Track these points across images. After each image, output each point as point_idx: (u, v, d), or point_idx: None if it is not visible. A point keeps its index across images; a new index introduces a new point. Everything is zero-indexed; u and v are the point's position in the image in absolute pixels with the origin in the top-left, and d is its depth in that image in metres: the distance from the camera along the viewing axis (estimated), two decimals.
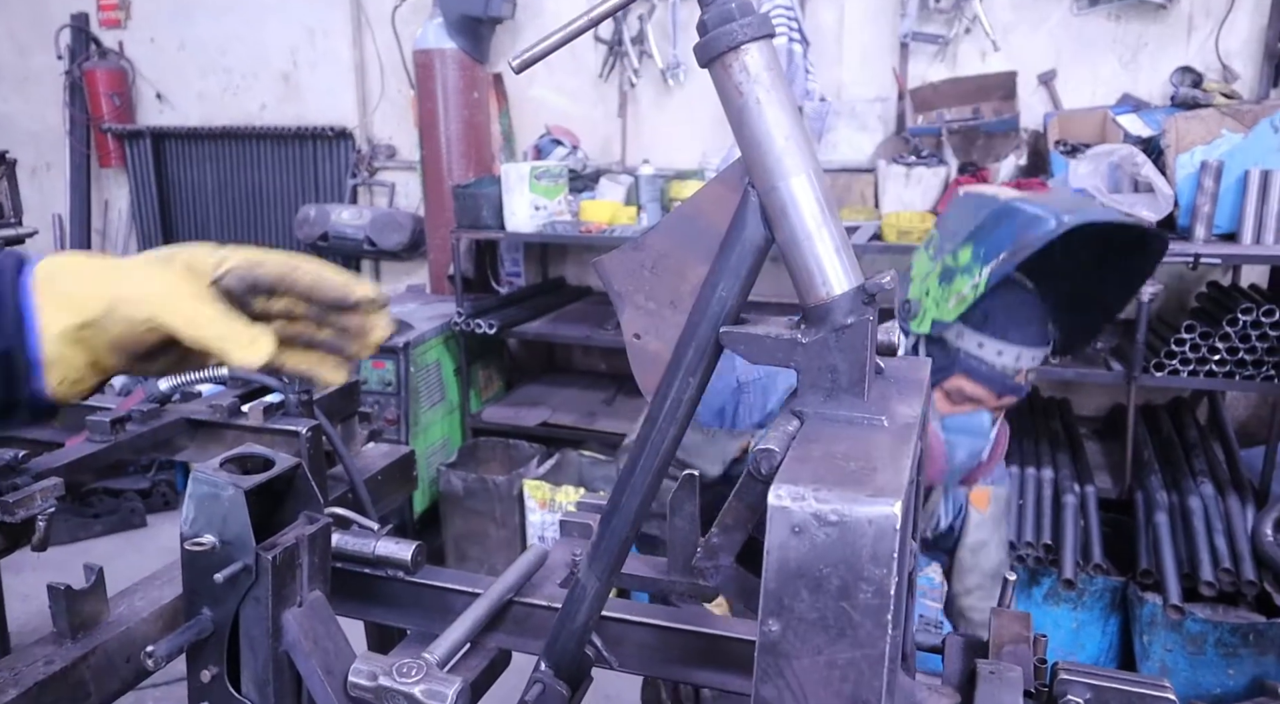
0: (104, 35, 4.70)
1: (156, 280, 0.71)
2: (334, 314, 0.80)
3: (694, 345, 0.91)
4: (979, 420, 1.62)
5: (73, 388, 0.74)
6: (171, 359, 0.78)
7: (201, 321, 0.71)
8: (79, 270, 0.72)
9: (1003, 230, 1.56)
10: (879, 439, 0.82)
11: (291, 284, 0.77)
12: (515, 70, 0.95)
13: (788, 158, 0.83)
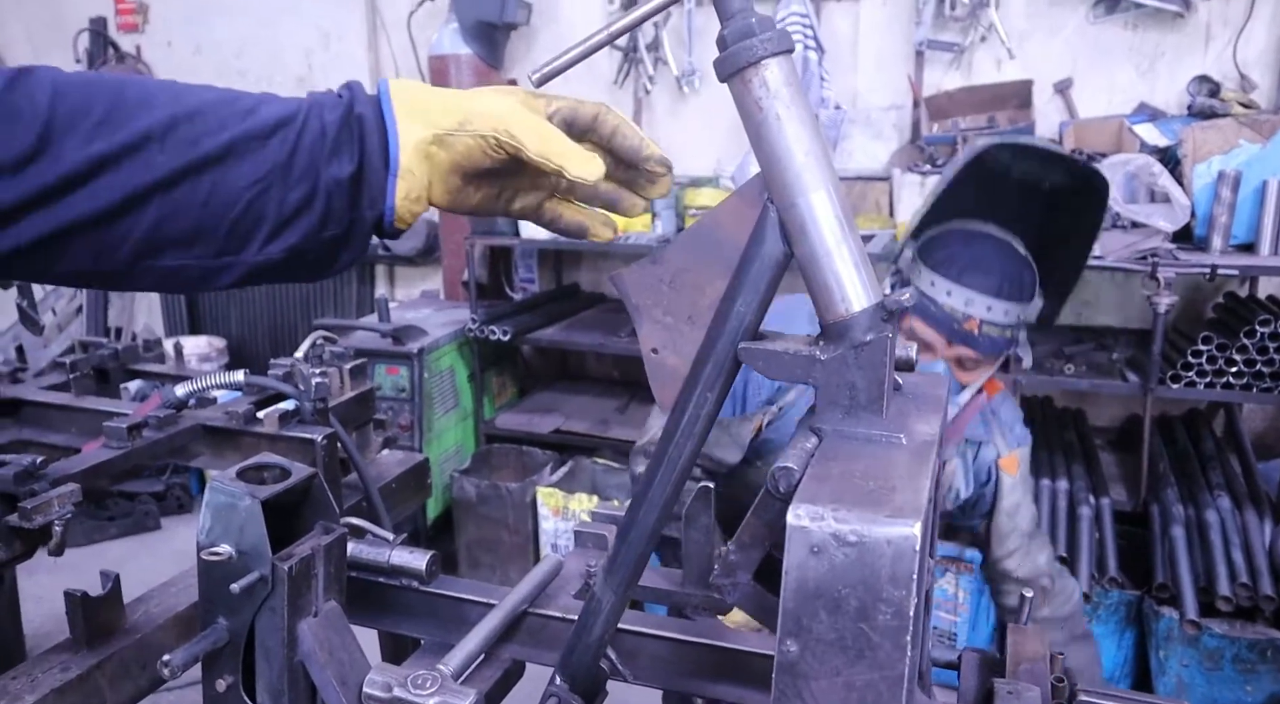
0: (121, 39, 4.73)
1: (506, 102, 0.77)
2: (621, 168, 0.85)
3: (712, 360, 0.91)
4: (931, 371, 1.61)
5: (411, 206, 0.76)
6: (494, 191, 0.82)
7: (549, 136, 0.76)
8: (430, 90, 0.77)
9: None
10: (897, 457, 0.82)
11: (599, 125, 0.82)
12: (535, 84, 0.95)
13: (807, 173, 0.83)
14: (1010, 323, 1.53)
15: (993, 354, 1.56)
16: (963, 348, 1.54)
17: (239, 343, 4.70)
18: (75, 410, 1.88)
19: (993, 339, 1.53)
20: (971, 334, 1.52)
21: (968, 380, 1.59)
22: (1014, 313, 1.53)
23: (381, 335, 3.21)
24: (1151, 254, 2.66)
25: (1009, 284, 1.52)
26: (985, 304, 1.51)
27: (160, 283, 0.74)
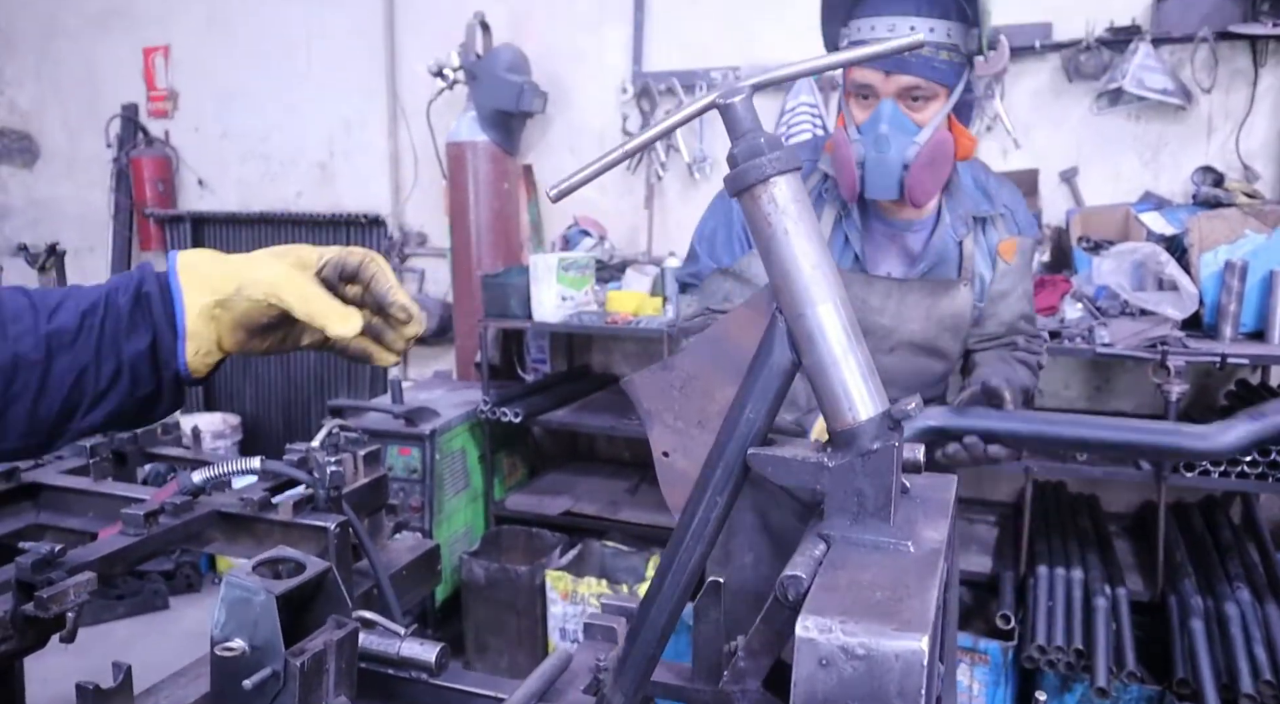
0: (151, 124, 4.89)
1: (276, 267, 0.88)
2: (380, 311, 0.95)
3: (722, 465, 0.92)
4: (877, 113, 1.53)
5: (203, 360, 0.89)
6: (278, 337, 0.93)
7: (312, 297, 0.86)
8: (212, 260, 0.88)
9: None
10: (905, 566, 0.83)
11: (363, 271, 0.91)
12: (552, 199, 0.99)
13: (815, 286, 0.86)
14: (943, 41, 1.49)
15: (933, 78, 1.50)
16: (901, 76, 1.49)
17: (253, 420, 4.73)
18: (93, 495, 1.90)
19: (926, 59, 1.48)
20: (904, 58, 1.48)
21: (922, 118, 1.52)
22: (942, 29, 1.48)
23: (394, 416, 3.23)
24: (1161, 342, 2.67)
25: (921, 4, 1.49)
26: (909, 24, 1.48)
27: None
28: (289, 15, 4.46)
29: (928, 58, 1.48)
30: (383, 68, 4.30)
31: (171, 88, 4.83)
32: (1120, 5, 3.15)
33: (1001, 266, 1.70)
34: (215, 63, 4.69)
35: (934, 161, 1.54)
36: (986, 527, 3.34)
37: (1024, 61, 3.27)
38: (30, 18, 5.07)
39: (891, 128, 1.51)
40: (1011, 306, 1.72)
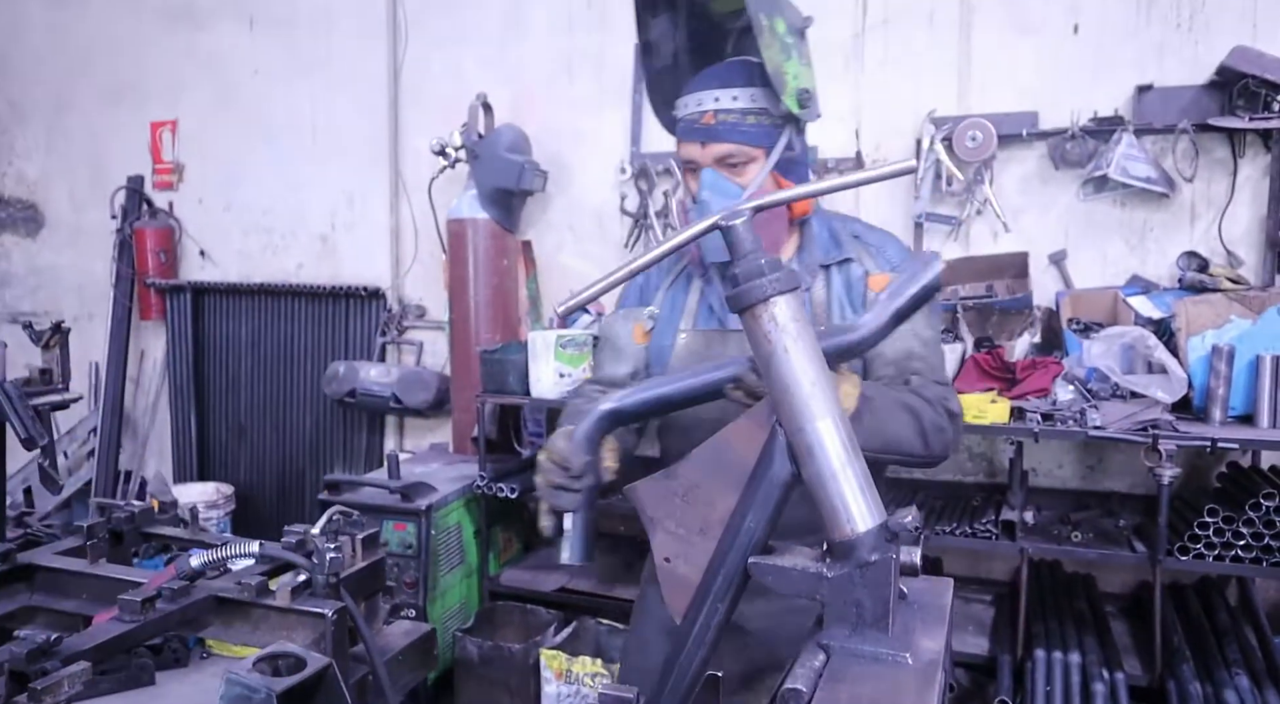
0: (156, 196, 4.97)
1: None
2: None
3: (723, 573, 0.94)
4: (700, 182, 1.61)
5: None
6: None
7: None
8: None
9: None
10: (904, 680, 0.85)
11: None
12: (560, 316, 1.03)
13: (814, 402, 0.89)
14: (746, 107, 1.57)
15: (744, 142, 1.58)
16: (714, 145, 1.58)
17: (246, 489, 4.71)
18: (89, 577, 1.90)
19: (732, 125, 1.57)
20: (710, 126, 1.57)
21: (744, 181, 1.59)
22: (745, 96, 1.57)
23: (390, 491, 3.23)
24: (1152, 425, 2.70)
25: (732, 76, 1.59)
26: (714, 96, 1.58)
27: None
28: (295, 92, 4.57)
29: (735, 123, 1.57)
30: (386, 144, 4.39)
31: (177, 161, 4.92)
32: (1103, 96, 3.25)
33: (872, 298, 1.66)
34: (221, 137, 4.78)
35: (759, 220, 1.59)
36: (982, 606, 3.33)
37: (1012, 148, 3.36)
38: (43, 91, 5.19)
39: (713, 193, 1.59)
40: (894, 344, 1.61)
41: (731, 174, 1.60)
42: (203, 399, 4.93)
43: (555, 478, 1.37)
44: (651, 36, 1.75)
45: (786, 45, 1.54)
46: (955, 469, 3.58)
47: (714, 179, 1.59)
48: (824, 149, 3.58)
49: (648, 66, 1.78)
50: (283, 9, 4.58)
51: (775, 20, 1.54)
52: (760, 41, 1.51)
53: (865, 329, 1.16)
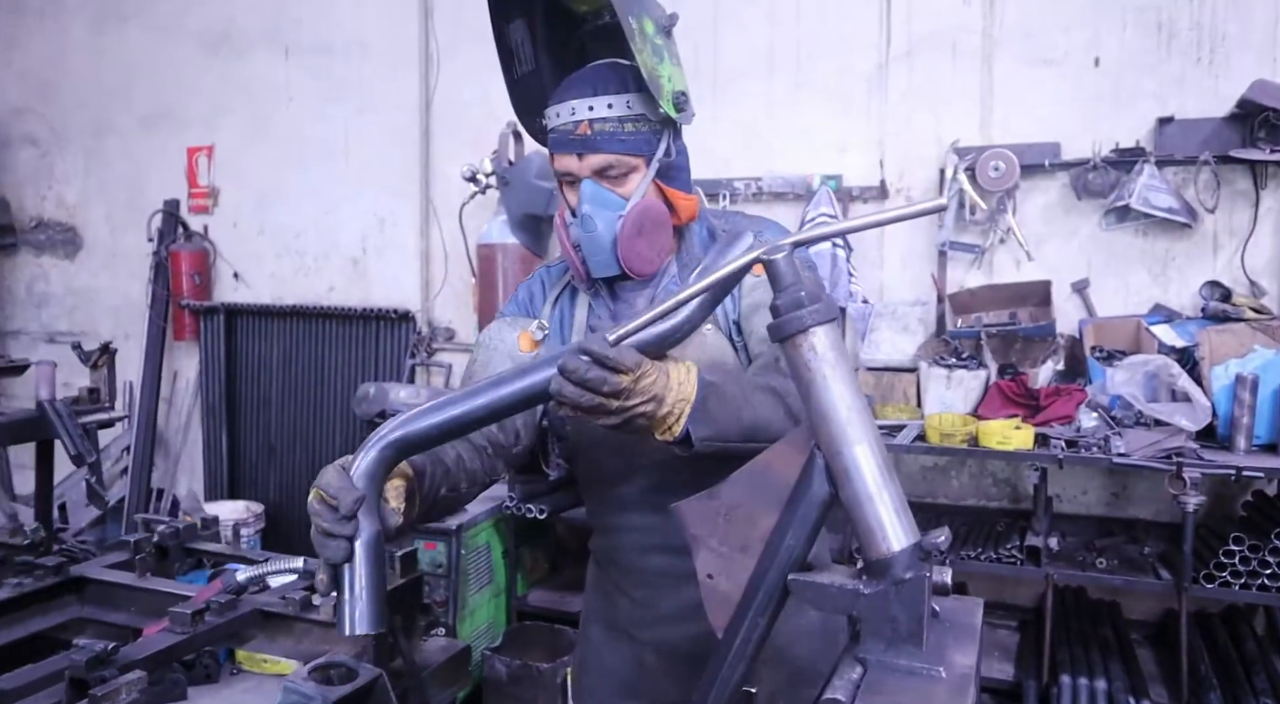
0: (192, 219, 5.08)
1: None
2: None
3: (764, 589, 0.99)
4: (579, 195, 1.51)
5: None
6: None
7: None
8: None
9: None
10: (938, 692, 0.89)
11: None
12: (611, 344, 1.08)
13: (851, 428, 0.94)
14: (623, 114, 1.49)
15: (623, 151, 1.49)
16: (591, 156, 1.49)
17: (275, 508, 4.78)
18: (138, 591, 1.96)
19: (610, 134, 1.48)
20: (587, 137, 1.48)
21: (625, 191, 1.50)
22: (621, 103, 1.48)
23: None
24: (1176, 453, 2.73)
25: (602, 82, 1.49)
26: (587, 105, 1.48)
27: None
28: (329, 119, 4.68)
29: (612, 132, 1.48)
30: (417, 170, 4.48)
31: (213, 185, 5.03)
32: (1125, 128, 3.30)
33: (750, 281, 1.55)
34: (256, 163, 4.90)
35: (643, 229, 1.51)
36: (1008, 631, 3.34)
37: (1034, 178, 3.40)
38: (83, 116, 5.33)
39: (594, 206, 1.50)
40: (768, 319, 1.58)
41: (612, 185, 1.51)
42: (234, 418, 5.02)
43: (324, 522, 1.13)
44: (510, 43, 1.64)
45: (657, 47, 1.48)
46: (980, 495, 3.60)
47: (595, 191, 1.50)
48: (848, 178, 3.64)
49: (509, 75, 1.67)
50: (318, 39, 4.70)
51: (643, 21, 1.48)
52: (633, 45, 1.43)
53: (681, 314, 1.12)
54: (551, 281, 1.71)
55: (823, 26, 3.71)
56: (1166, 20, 3.30)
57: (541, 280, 1.72)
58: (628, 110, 1.49)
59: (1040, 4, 3.43)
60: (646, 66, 1.43)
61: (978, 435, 2.91)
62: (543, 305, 1.69)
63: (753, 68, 3.84)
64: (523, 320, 1.65)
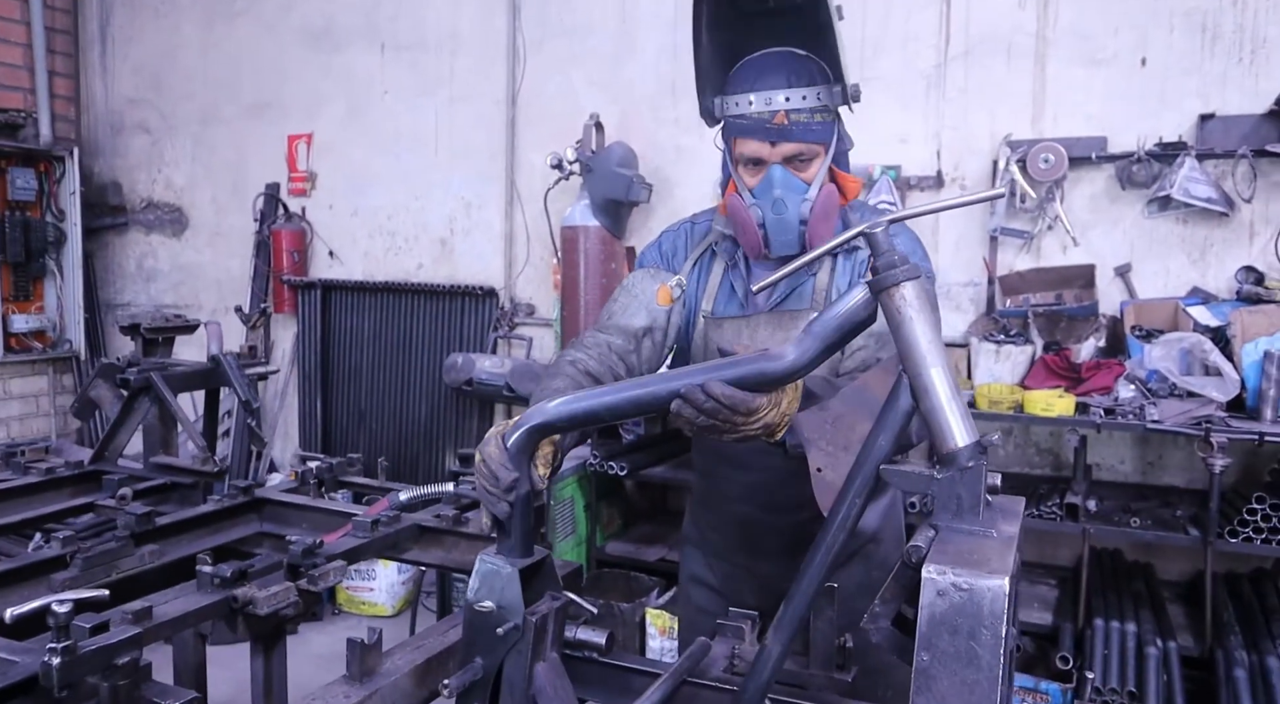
0: (291, 201, 5.50)
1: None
2: None
3: (861, 477, 1.33)
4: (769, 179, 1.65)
5: None
6: None
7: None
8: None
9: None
10: (990, 544, 1.23)
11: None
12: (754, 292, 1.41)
13: (929, 355, 1.28)
14: (814, 106, 1.61)
15: (813, 141, 1.63)
16: (785, 144, 1.62)
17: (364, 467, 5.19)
18: (311, 509, 2.35)
19: (804, 125, 1.61)
20: (784, 126, 1.61)
21: (808, 176, 1.65)
22: (813, 95, 1.61)
23: None
24: (1206, 421, 3.01)
25: (795, 74, 1.61)
26: (783, 96, 1.60)
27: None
28: (421, 109, 5.07)
29: (805, 123, 1.61)
30: (503, 157, 4.85)
31: (311, 170, 5.45)
32: (1168, 123, 3.56)
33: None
34: (352, 149, 5.30)
35: (825, 213, 1.67)
36: (1048, 587, 3.64)
37: (1082, 170, 3.68)
38: (191, 106, 5.78)
39: (785, 191, 1.64)
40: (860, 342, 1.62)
41: (797, 170, 1.65)
42: (328, 386, 5.44)
43: (489, 486, 1.35)
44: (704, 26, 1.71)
45: (841, 39, 1.59)
46: (1024, 463, 3.89)
47: (785, 176, 1.64)
48: (907, 167, 3.94)
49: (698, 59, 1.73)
50: (412, 34, 5.09)
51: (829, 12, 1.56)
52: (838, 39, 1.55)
53: (787, 361, 1.29)
54: (695, 240, 1.86)
55: (886, 28, 4.00)
56: (1211, 23, 3.55)
57: (686, 234, 1.88)
58: (818, 102, 1.61)
59: (1092, 7, 3.69)
60: (842, 61, 1.57)
61: (1023, 403, 3.21)
62: (684, 262, 1.84)
63: None
64: (664, 273, 1.80)
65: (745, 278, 1.80)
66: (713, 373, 1.29)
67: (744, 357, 1.32)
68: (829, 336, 1.30)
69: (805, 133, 1.63)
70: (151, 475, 2.57)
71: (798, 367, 1.30)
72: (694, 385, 1.27)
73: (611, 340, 1.75)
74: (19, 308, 5.72)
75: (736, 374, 1.31)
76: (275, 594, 1.71)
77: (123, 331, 2.76)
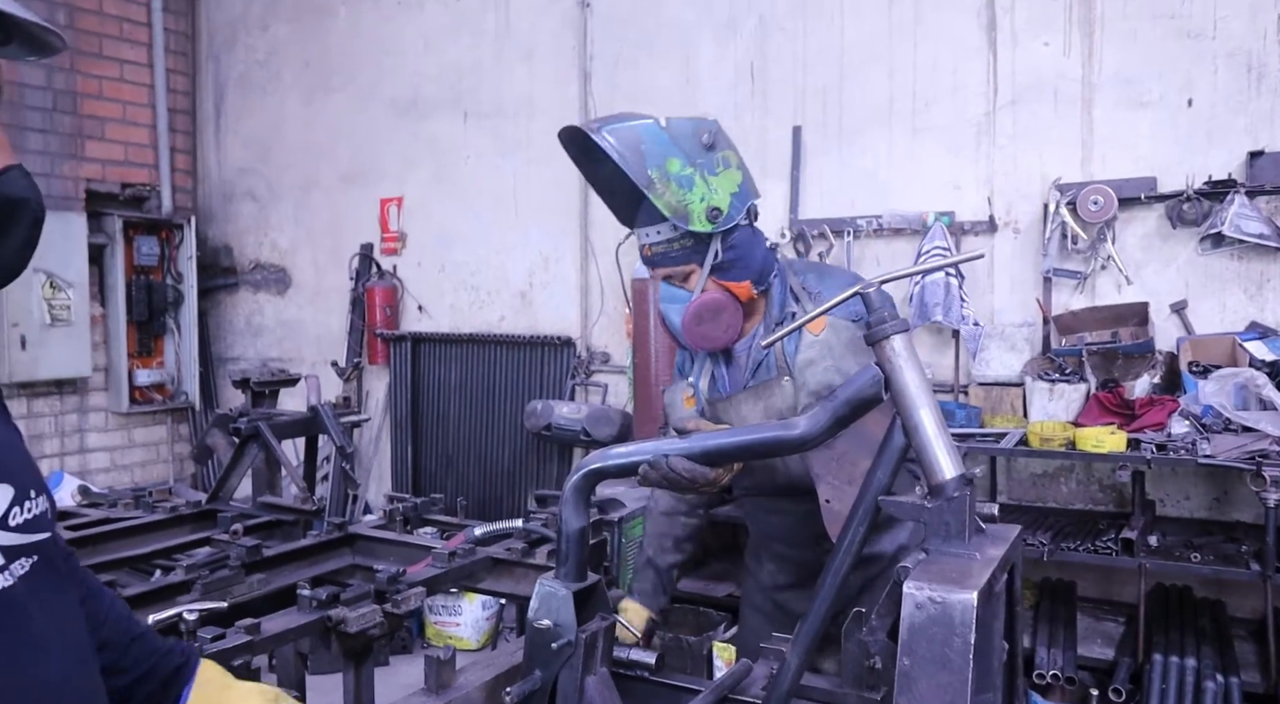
0: (383, 260, 5.91)
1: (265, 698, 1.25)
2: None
3: (862, 508, 1.52)
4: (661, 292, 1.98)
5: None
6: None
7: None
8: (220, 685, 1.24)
9: None
10: (971, 565, 1.39)
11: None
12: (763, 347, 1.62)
13: (919, 397, 1.46)
14: (666, 237, 1.89)
15: (675, 264, 1.92)
16: (658, 268, 1.96)
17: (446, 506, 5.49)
18: (398, 543, 2.61)
19: (663, 253, 1.92)
20: (649, 256, 1.95)
21: (690, 285, 1.94)
22: (664, 229, 1.88)
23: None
24: (1260, 455, 3.05)
25: (647, 214, 1.89)
26: (644, 233, 1.93)
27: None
28: (501, 171, 5.42)
29: (664, 252, 1.93)
30: (577, 214, 5.15)
31: (401, 230, 5.85)
32: (1217, 162, 3.62)
33: (808, 338, 1.95)
34: (438, 210, 5.69)
35: (702, 318, 1.94)
36: (1114, 624, 3.66)
37: (1133, 210, 3.76)
38: (294, 175, 6.27)
39: (665, 303, 1.99)
40: (819, 375, 1.91)
41: (680, 284, 1.95)
42: (417, 432, 5.78)
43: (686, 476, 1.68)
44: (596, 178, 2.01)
45: (685, 179, 1.82)
46: (1087, 500, 3.94)
47: (667, 291, 1.98)
48: (960, 213, 4.08)
49: (606, 201, 2.04)
50: (491, 102, 5.46)
51: (667, 164, 1.80)
52: (651, 195, 1.78)
53: (799, 431, 1.48)
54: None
55: (935, 80, 4.17)
56: (1256, 63, 3.62)
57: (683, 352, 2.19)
58: (673, 233, 1.90)
59: (1135, 52, 3.80)
60: (669, 207, 1.81)
61: (1075, 440, 3.29)
62: (691, 368, 2.15)
63: (874, 118, 4.33)
64: (683, 384, 2.14)
65: (723, 366, 2.09)
66: (739, 436, 1.57)
67: (765, 425, 1.60)
68: (839, 411, 1.50)
69: (665, 260, 1.93)
70: (259, 513, 2.87)
71: (808, 437, 1.49)
72: (660, 458, 1.60)
73: None
74: (142, 363, 6.25)
75: (757, 439, 1.56)
76: (363, 615, 1.96)
77: (234, 385, 3.10)
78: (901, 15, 4.25)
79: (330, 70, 6.06)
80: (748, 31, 4.65)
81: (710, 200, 1.86)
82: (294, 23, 6.20)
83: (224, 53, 6.53)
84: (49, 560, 0.92)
